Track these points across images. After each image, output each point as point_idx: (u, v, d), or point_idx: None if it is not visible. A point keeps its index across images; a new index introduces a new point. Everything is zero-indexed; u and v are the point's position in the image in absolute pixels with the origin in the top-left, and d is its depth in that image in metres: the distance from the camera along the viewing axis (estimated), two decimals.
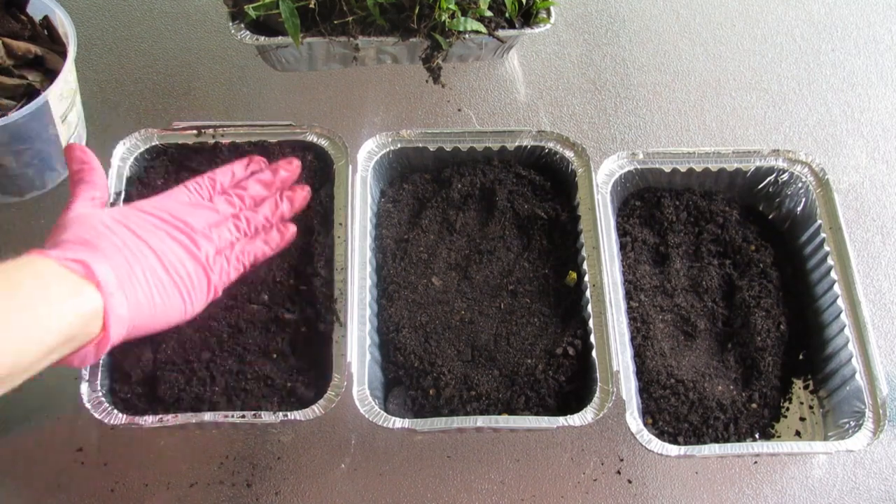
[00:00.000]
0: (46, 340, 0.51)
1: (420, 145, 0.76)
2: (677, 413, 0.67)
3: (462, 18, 0.78)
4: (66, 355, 0.54)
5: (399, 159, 0.77)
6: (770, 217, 0.78)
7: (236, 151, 0.74)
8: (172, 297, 0.60)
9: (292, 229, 0.69)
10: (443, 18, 0.77)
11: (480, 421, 0.63)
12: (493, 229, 0.74)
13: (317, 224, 0.71)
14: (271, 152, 0.74)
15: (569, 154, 0.75)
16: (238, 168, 0.70)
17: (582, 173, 0.74)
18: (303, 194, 0.71)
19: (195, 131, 0.75)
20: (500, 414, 0.65)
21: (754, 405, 0.69)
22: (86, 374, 0.63)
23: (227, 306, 0.67)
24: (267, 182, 0.70)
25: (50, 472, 0.66)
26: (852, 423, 0.65)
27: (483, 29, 0.79)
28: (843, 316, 0.69)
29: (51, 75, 0.71)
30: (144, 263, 0.59)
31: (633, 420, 0.63)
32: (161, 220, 0.62)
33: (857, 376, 0.66)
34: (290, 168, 0.71)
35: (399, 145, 0.76)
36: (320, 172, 0.74)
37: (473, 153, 0.76)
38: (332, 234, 0.70)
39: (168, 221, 0.62)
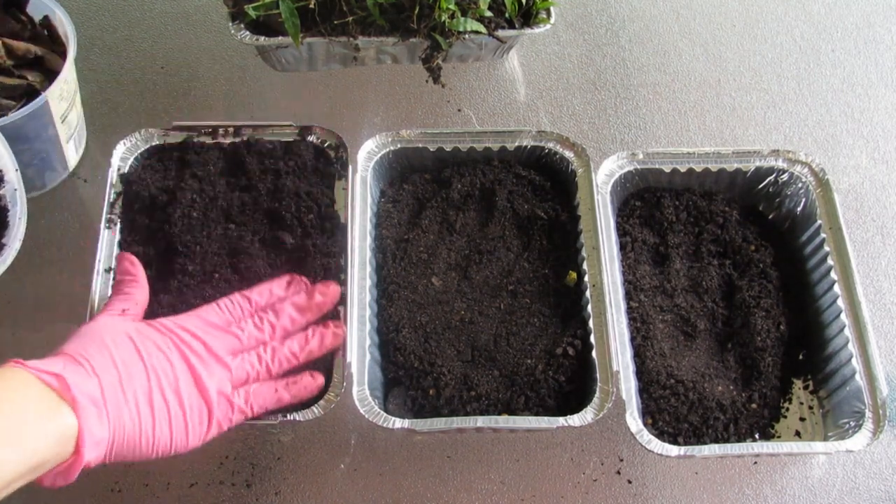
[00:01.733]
0: (18, 463, 0.47)
1: (420, 145, 0.76)
2: (677, 413, 0.67)
3: (462, 18, 0.78)
4: (36, 476, 0.50)
5: (399, 159, 0.77)
6: (770, 217, 0.78)
7: (236, 151, 0.74)
8: (163, 426, 0.55)
9: (318, 381, 0.63)
10: (443, 18, 0.77)
11: (480, 421, 0.63)
12: (493, 229, 0.74)
13: (316, 224, 0.71)
14: (271, 152, 0.74)
15: (569, 154, 0.75)
16: (277, 287, 0.66)
17: (582, 173, 0.74)
18: (335, 333, 0.65)
19: (195, 131, 0.75)
20: (499, 414, 0.65)
21: (754, 405, 0.69)
22: None
23: None
24: (302, 307, 0.65)
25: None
26: (852, 424, 0.65)
27: (483, 29, 0.79)
28: (843, 316, 0.69)
29: (51, 75, 0.71)
30: (140, 385, 0.54)
31: (633, 420, 0.63)
32: (179, 339, 0.58)
33: (857, 376, 0.66)
34: (328, 293, 0.66)
35: (399, 145, 0.76)
36: (320, 172, 0.74)
37: (473, 153, 0.76)
38: (332, 235, 0.70)
39: (186, 343, 0.58)
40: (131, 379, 0.54)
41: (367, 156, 0.74)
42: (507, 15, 0.81)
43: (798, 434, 0.69)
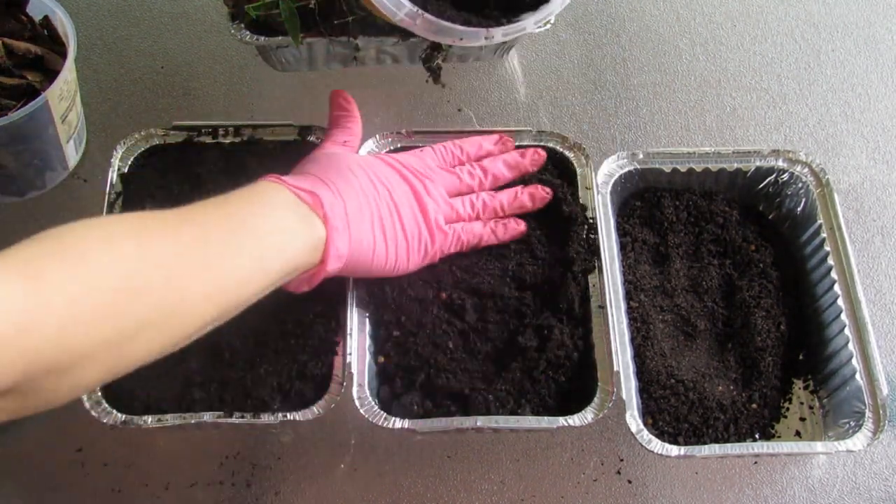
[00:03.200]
0: (274, 269, 0.54)
1: (420, 145, 0.76)
2: (677, 413, 0.67)
3: None
4: (288, 280, 0.57)
5: None
6: (770, 217, 0.78)
7: (236, 151, 0.74)
8: (392, 248, 0.61)
9: (522, 226, 0.69)
10: None
11: (480, 421, 0.63)
12: None
13: None
14: (271, 152, 0.74)
15: (568, 154, 0.75)
16: (487, 142, 0.70)
17: (581, 173, 0.74)
18: (543, 194, 0.70)
19: (195, 131, 0.75)
20: (500, 414, 0.65)
21: (754, 405, 0.69)
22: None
23: None
24: (512, 164, 0.70)
25: (50, 472, 0.66)
26: (852, 424, 0.65)
27: None
28: (843, 316, 0.69)
29: (51, 75, 0.71)
30: (375, 209, 0.60)
31: (633, 420, 0.63)
32: (404, 174, 0.64)
33: (857, 376, 0.66)
34: (538, 159, 0.71)
35: (399, 145, 0.76)
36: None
37: None
38: None
39: (409, 179, 0.64)
40: (369, 202, 0.60)
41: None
42: None
43: (798, 434, 0.69)
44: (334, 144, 0.66)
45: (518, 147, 0.74)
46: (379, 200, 0.61)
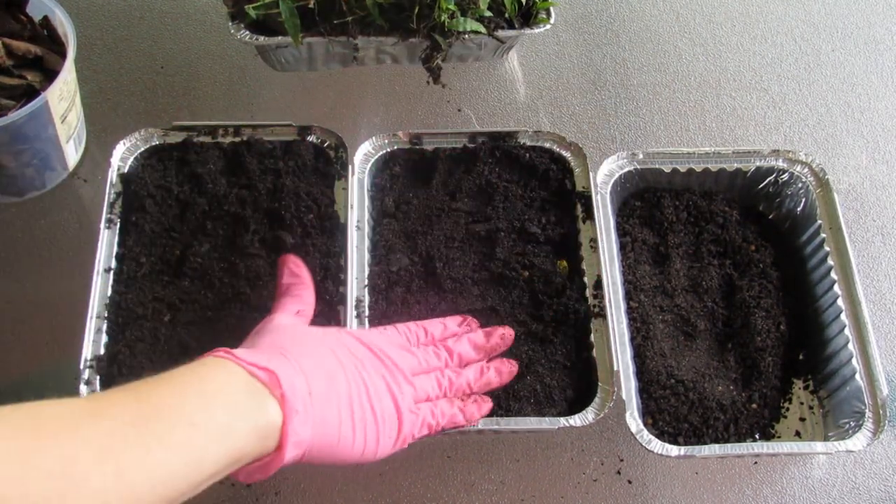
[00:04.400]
0: (211, 461, 0.45)
1: (420, 145, 0.76)
2: (677, 413, 0.67)
3: (462, 18, 0.78)
4: (234, 470, 0.49)
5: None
6: (770, 217, 0.78)
7: (236, 151, 0.74)
8: (360, 434, 0.54)
9: (488, 405, 0.63)
10: (442, 19, 0.77)
11: (481, 423, 0.63)
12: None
13: (316, 224, 0.71)
14: (271, 152, 0.74)
15: (566, 154, 0.75)
16: (451, 323, 0.65)
17: (579, 173, 0.74)
18: (510, 369, 0.65)
19: (195, 131, 0.75)
20: (500, 415, 0.65)
21: (754, 405, 0.69)
22: (86, 374, 0.63)
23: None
24: (478, 345, 0.64)
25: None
26: (852, 424, 0.65)
27: (483, 29, 0.79)
28: (843, 316, 0.69)
29: (51, 75, 0.71)
30: (343, 387, 0.53)
31: (633, 420, 0.63)
32: (370, 350, 0.57)
33: (857, 376, 0.66)
34: (505, 337, 0.66)
35: (396, 147, 0.76)
36: (320, 173, 0.74)
37: None
38: (332, 235, 0.70)
39: (377, 355, 0.57)
40: (334, 383, 0.53)
41: (365, 157, 0.75)
42: (506, 15, 0.81)
43: (798, 434, 0.69)
44: (286, 315, 0.59)
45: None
46: (347, 378, 0.54)
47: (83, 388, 0.62)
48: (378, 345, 0.58)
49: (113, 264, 0.68)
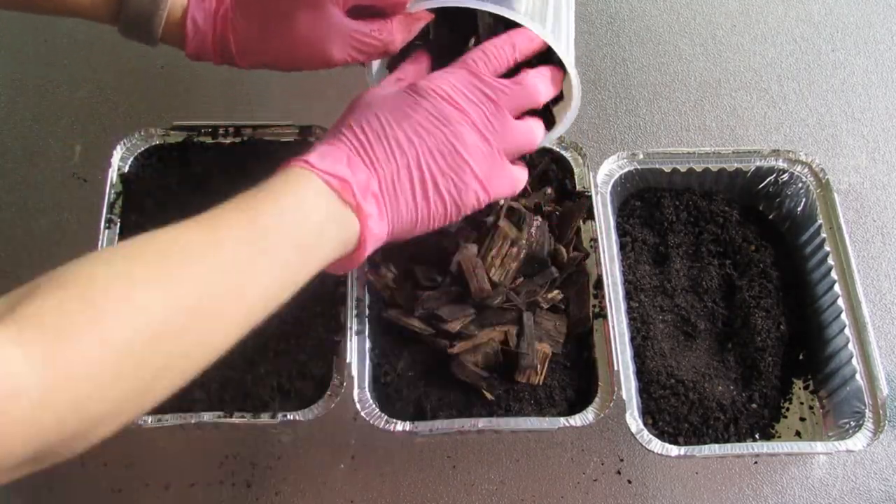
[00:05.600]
0: (304, 273, 0.51)
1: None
2: (677, 413, 0.67)
3: None
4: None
5: None
6: (770, 217, 0.78)
7: (236, 151, 0.74)
8: (439, 206, 0.55)
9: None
10: None
11: (482, 423, 0.63)
12: None
13: None
14: (271, 152, 0.74)
15: (566, 154, 0.75)
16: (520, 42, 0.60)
17: (578, 173, 0.74)
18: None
19: (195, 131, 0.75)
20: (500, 415, 0.65)
21: (754, 405, 0.69)
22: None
23: None
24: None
25: (50, 472, 0.66)
26: (852, 424, 0.65)
27: None
28: (843, 316, 0.69)
29: None
30: (417, 167, 0.53)
31: (633, 420, 0.63)
32: (457, 109, 0.55)
33: (857, 376, 0.66)
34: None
35: None
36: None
37: None
38: None
39: (465, 112, 0.55)
40: (409, 165, 0.53)
41: None
42: None
43: (798, 434, 0.69)
44: (390, 84, 0.58)
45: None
46: (423, 153, 0.53)
47: None
48: (466, 91, 0.55)
49: None
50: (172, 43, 0.60)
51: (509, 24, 0.58)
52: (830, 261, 0.71)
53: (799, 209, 0.76)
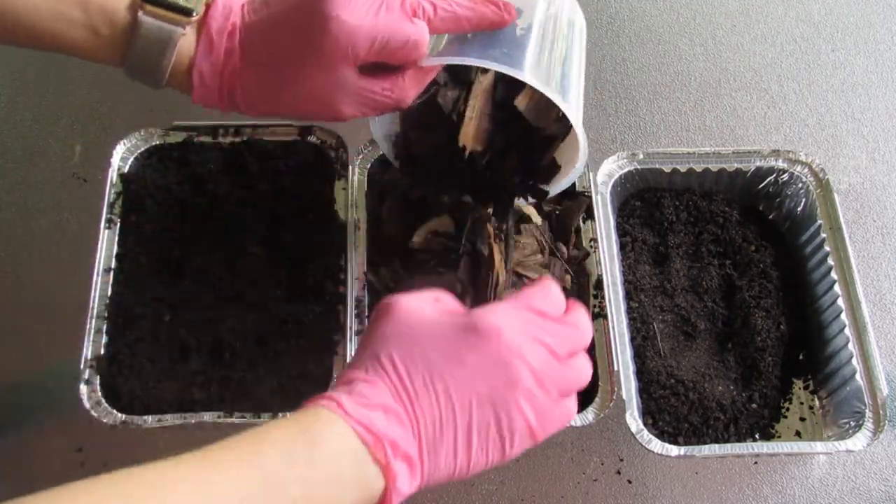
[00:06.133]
0: None
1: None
2: (677, 413, 0.67)
3: None
4: None
5: None
6: (770, 217, 0.78)
7: (236, 151, 0.74)
8: (482, 457, 0.47)
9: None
10: None
11: None
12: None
13: (316, 224, 0.71)
14: (271, 152, 0.74)
15: None
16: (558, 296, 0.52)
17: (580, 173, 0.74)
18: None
19: (195, 131, 0.75)
20: None
21: (754, 405, 0.69)
22: (86, 374, 0.63)
23: (226, 307, 0.67)
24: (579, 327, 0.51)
25: (50, 472, 0.66)
26: (852, 424, 0.65)
27: None
28: (843, 316, 0.69)
29: None
30: (463, 421, 0.45)
31: (633, 420, 0.63)
32: (517, 356, 0.46)
33: (857, 376, 0.66)
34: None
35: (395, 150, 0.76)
36: (320, 173, 0.74)
37: None
38: (332, 235, 0.70)
39: (524, 359, 0.46)
40: (454, 419, 0.45)
41: (364, 157, 0.74)
42: None
43: (798, 434, 0.69)
44: (427, 299, 0.49)
45: None
46: (473, 405, 0.45)
47: (83, 388, 0.62)
48: (528, 333, 0.47)
49: (113, 264, 0.68)
50: (179, 88, 0.57)
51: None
52: (830, 261, 0.71)
53: (799, 209, 0.76)
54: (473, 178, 0.67)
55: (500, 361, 0.46)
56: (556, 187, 0.66)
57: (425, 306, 0.48)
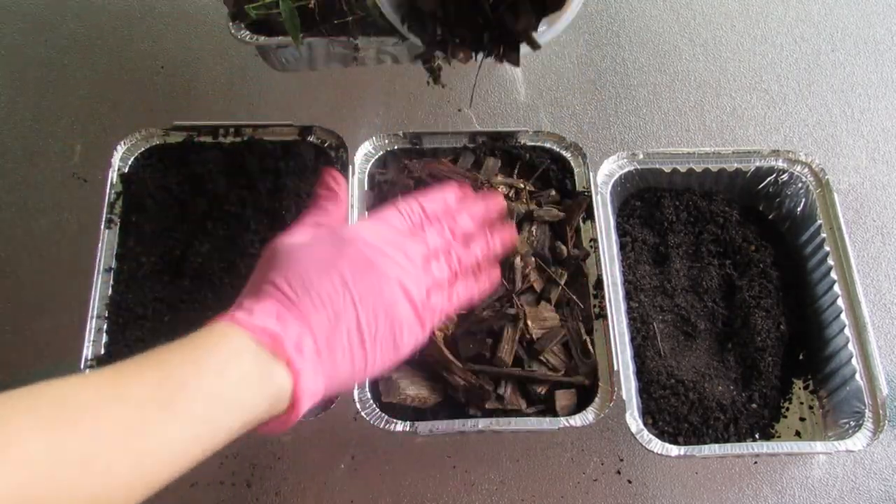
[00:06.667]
0: (224, 430, 0.47)
1: (419, 146, 0.76)
2: (677, 413, 0.67)
3: None
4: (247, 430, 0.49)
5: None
6: (770, 217, 0.78)
7: (236, 151, 0.74)
8: (377, 356, 0.52)
9: (497, 273, 0.60)
10: None
11: (482, 423, 0.63)
12: None
13: None
14: (271, 152, 0.74)
15: (566, 154, 0.75)
16: (450, 197, 0.61)
17: (579, 172, 0.74)
18: (511, 235, 0.62)
19: (195, 131, 0.75)
20: (500, 415, 0.65)
21: (754, 405, 0.69)
22: (86, 374, 0.63)
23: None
24: (476, 217, 0.61)
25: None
26: (852, 423, 0.65)
27: None
28: (843, 316, 0.69)
29: None
30: (351, 322, 0.50)
31: (633, 420, 0.63)
32: (380, 251, 0.53)
33: (857, 376, 0.66)
34: (497, 203, 0.62)
35: (396, 147, 0.76)
36: (320, 173, 0.74)
37: None
38: None
39: (387, 254, 0.53)
40: (342, 320, 0.50)
41: (365, 157, 0.75)
42: None
43: (798, 434, 0.69)
44: (302, 231, 0.55)
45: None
46: (355, 303, 0.51)
47: None
48: (388, 240, 0.54)
49: (113, 264, 0.68)
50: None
51: None
52: (830, 261, 0.71)
53: (799, 209, 0.76)
54: (482, 21, 0.66)
55: (367, 261, 0.52)
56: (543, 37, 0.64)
57: (301, 235, 0.54)
